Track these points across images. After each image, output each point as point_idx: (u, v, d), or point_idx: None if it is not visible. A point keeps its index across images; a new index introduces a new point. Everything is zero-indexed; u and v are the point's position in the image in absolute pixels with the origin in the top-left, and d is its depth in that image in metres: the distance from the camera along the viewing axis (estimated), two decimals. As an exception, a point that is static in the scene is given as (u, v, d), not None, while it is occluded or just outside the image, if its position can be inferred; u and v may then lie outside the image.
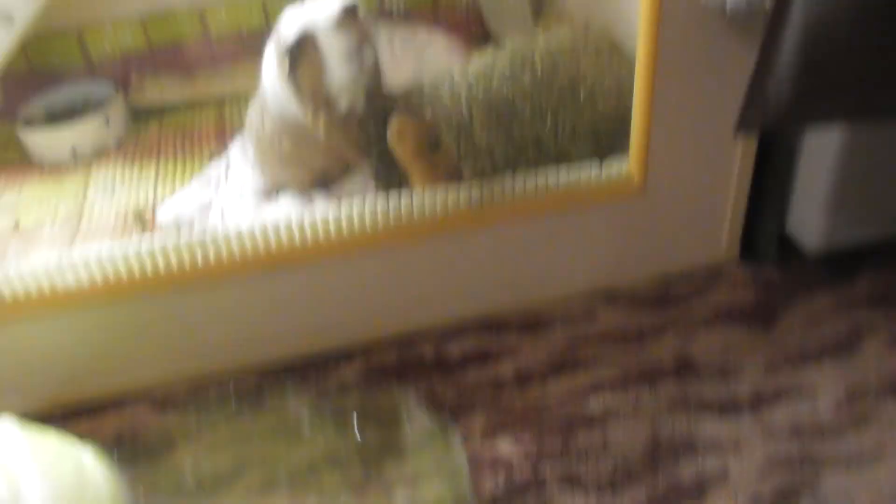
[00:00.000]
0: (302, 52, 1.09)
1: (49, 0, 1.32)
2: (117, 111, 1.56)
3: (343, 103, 1.14)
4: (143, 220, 1.32)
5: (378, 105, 1.17)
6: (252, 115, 1.26)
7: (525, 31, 1.74)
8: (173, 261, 1.04)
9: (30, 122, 1.58)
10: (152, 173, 1.45)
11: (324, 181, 1.30)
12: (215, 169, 1.38)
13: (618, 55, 1.25)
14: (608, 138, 1.24)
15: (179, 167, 1.46)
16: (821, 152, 1.07)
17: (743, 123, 0.85)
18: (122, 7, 1.64)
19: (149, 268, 1.04)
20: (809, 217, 1.14)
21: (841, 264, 1.22)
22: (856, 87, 0.80)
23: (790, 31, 0.77)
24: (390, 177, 1.23)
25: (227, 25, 1.69)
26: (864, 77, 0.80)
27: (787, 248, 1.22)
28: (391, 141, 1.12)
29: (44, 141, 1.51)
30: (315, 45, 1.09)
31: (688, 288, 1.23)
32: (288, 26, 1.09)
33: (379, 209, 1.08)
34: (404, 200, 1.08)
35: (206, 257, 1.05)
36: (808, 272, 1.23)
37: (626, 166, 1.13)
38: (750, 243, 1.25)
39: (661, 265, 1.24)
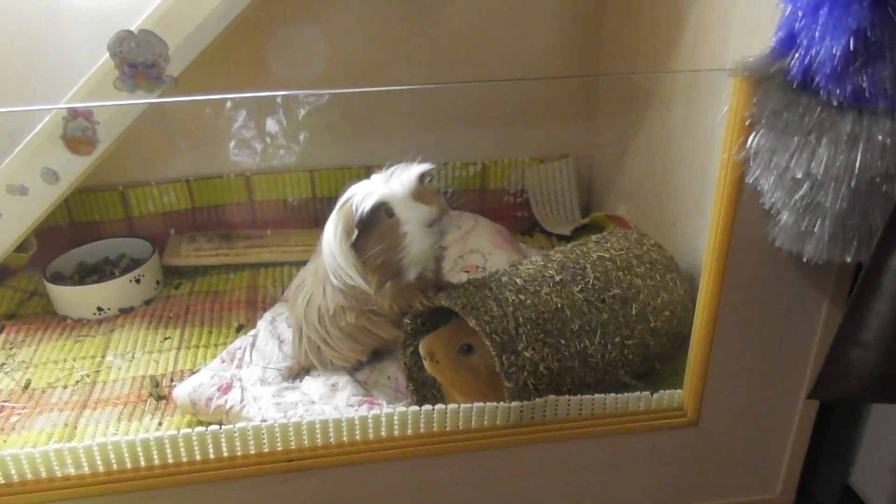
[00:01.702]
0: (375, 221, 1.05)
1: (97, 161, 1.32)
2: (149, 271, 1.54)
3: (413, 273, 1.09)
4: (158, 394, 1.25)
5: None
6: (308, 291, 1.21)
7: (572, 223, 1.72)
8: (182, 453, 0.96)
9: (59, 275, 1.55)
10: (175, 341, 1.39)
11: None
12: (240, 343, 1.32)
13: (673, 271, 1.20)
14: (658, 356, 1.18)
15: (205, 337, 1.41)
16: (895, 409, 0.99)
17: (819, 392, 0.78)
18: (170, 170, 1.66)
19: (156, 460, 0.96)
20: (877, 474, 1.04)
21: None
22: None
23: (881, 302, 0.71)
24: (424, 375, 1.18)
25: (271, 193, 1.70)
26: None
27: (849, 497, 1.11)
28: (426, 366, 1.07)
29: (69, 297, 1.48)
30: (391, 214, 1.04)
31: (738, 531, 1.12)
32: (361, 196, 1.04)
33: (410, 415, 1.00)
34: (437, 409, 1.00)
35: (217, 451, 0.97)
36: (873, 526, 1.12)
37: (678, 396, 1.05)
38: (808, 487, 1.14)
39: (708, 502, 1.13)
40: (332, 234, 1.08)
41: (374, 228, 1.05)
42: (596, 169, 1.79)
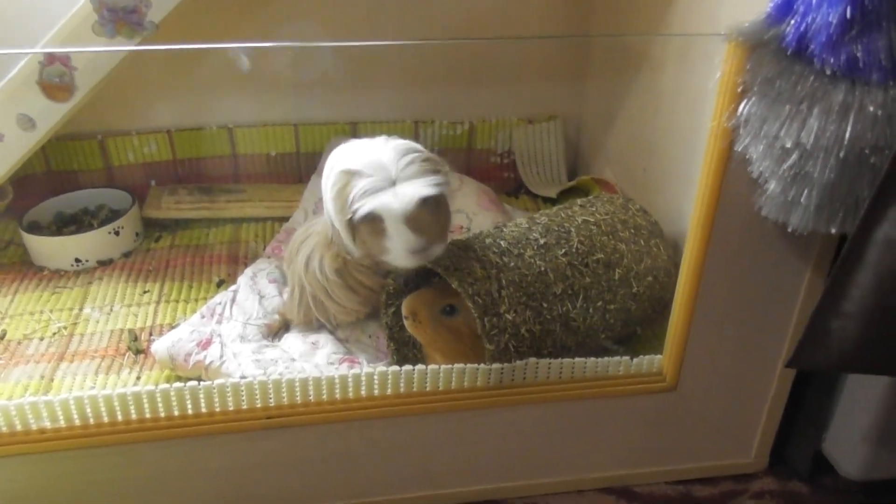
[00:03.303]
0: (369, 216, 1.01)
1: (75, 108, 1.29)
2: (129, 223, 1.51)
3: (389, 268, 1.09)
4: (137, 347, 1.24)
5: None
6: (311, 244, 1.20)
7: (558, 186, 1.71)
8: (160, 408, 0.96)
9: (36, 225, 1.52)
10: (155, 294, 1.38)
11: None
12: (220, 299, 1.30)
13: (657, 236, 1.20)
14: (639, 321, 1.18)
15: (185, 291, 1.39)
16: (869, 379, 1.00)
17: (798, 360, 0.78)
18: (151, 120, 1.63)
19: (133, 414, 0.95)
20: (848, 443, 1.06)
21: (879, 489, 1.13)
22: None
23: (864, 273, 0.71)
24: (404, 335, 1.18)
25: (255, 147, 1.67)
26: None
27: (821, 464, 1.13)
28: (407, 326, 1.06)
29: (46, 248, 1.45)
30: (382, 223, 1.00)
31: (710, 494, 1.13)
32: (360, 189, 0.99)
33: (390, 375, 1.00)
34: (418, 369, 1.00)
35: (196, 407, 0.97)
36: (841, 492, 1.14)
37: (658, 361, 1.06)
38: (781, 453, 1.16)
39: (684, 465, 1.15)
40: (328, 188, 1.05)
41: (366, 220, 1.01)
42: (584, 131, 1.78)
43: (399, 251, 1.01)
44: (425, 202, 0.99)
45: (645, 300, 1.16)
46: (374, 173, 0.99)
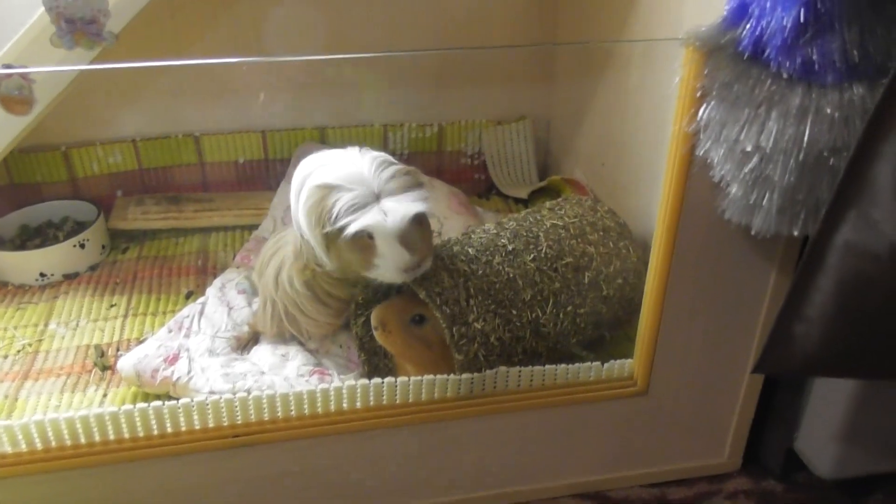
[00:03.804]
0: (350, 241, 0.97)
1: (35, 121, 1.26)
2: (95, 235, 1.49)
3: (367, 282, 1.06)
4: (104, 364, 1.22)
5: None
6: (280, 256, 1.18)
7: (529, 186, 1.71)
8: (124, 429, 0.94)
9: (-1, 239, 1.50)
10: (122, 308, 1.36)
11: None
12: (188, 311, 1.29)
13: (626, 238, 1.20)
14: (610, 323, 1.18)
15: (152, 304, 1.37)
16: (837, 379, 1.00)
17: (763, 366, 0.78)
18: (115, 130, 1.60)
19: (97, 436, 0.94)
20: (820, 441, 1.06)
21: (850, 486, 1.13)
22: (891, 349, 0.73)
23: (824, 277, 0.71)
24: (375, 345, 1.16)
25: (222, 154, 1.65)
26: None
27: (794, 462, 1.13)
28: (377, 336, 1.05)
29: (10, 262, 1.43)
30: (371, 237, 0.96)
31: (685, 496, 1.13)
32: (344, 202, 0.94)
33: (358, 389, 0.99)
34: (387, 382, 0.99)
35: (161, 427, 0.95)
36: (814, 489, 1.14)
37: (629, 366, 1.05)
38: (754, 452, 1.16)
39: (658, 468, 1.14)
40: (299, 202, 1.01)
41: (353, 237, 0.97)
42: (554, 131, 1.77)
43: (391, 269, 0.98)
44: (415, 218, 0.96)
45: (615, 302, 1.16)
46: (355, 187, 0.95)
